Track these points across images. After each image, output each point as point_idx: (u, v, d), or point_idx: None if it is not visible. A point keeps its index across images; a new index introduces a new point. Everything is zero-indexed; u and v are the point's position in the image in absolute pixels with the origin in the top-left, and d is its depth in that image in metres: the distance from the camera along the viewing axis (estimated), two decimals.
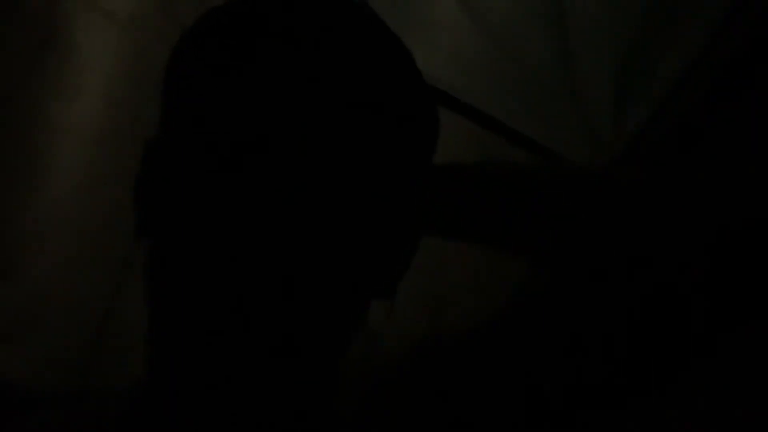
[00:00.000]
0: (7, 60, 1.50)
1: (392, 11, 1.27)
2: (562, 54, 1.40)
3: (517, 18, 1.39)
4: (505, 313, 0.99)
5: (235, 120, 0.89)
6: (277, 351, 0.89)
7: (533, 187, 0.96)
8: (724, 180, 0.98)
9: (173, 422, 0.93)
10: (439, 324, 1.41)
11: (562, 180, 0.97)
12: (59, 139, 1.52)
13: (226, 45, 0.91)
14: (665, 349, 0.92)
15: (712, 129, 1.36)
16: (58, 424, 0.99)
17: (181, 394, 0.92)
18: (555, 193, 0.95)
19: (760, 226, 0.91)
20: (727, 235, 0.91)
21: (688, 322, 0.91)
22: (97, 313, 1.45)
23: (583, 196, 0.95)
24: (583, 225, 0.94)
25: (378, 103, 0.91)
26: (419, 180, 0.95)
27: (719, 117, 1.36)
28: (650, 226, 0.93)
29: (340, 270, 0.90)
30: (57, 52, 1.49)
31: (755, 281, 0.90)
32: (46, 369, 1.42)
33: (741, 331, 0.91)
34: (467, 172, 0.96)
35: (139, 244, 0.92)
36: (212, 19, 0.94)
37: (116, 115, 1.50)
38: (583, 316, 0.95)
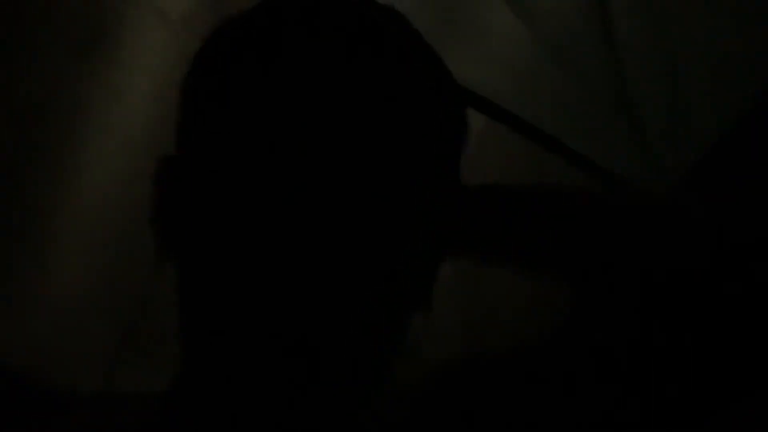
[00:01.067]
0: (52, 54, 1.50)
1: (446, 19, 1.24)
2: (615, 65, 1.37)
3: (573, 28, 1.37)
4: (547, 336, 0.98)
5: (262, 128, 0.87)
6: (306, 362, 0.87)
7: (571, 211, 0.94)
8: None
9: (199, 426, 0.91)
10: (477, 343, 1.39)
11: (604, 206, 0.95)
12: (102, 136, 1.52)
13: (249, 52, 0.89)
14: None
15: None
16: (87, 425, 0.98)
17: (209, 399, 0.91)
18: (595, 219, 0.94)
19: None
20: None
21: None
22: (130, 314, 1.44)
23: (628, 222, 0.93)
24: (628, 251, 0.93)
25: (404, 104, 0.89)
26: (445, 181, 0.92)
27: None
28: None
29: (371, 277, 0.88)
30: (103, 49, 1.48)
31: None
32: (76, 370, 1.41)
33: None
34: (501, 194, 0.95)
35: (162, 266, 0.91)
36: (234, 26, 0.92)
37: (160, 117, 1.49)
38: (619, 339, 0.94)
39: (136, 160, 1.51)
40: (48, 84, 1.50)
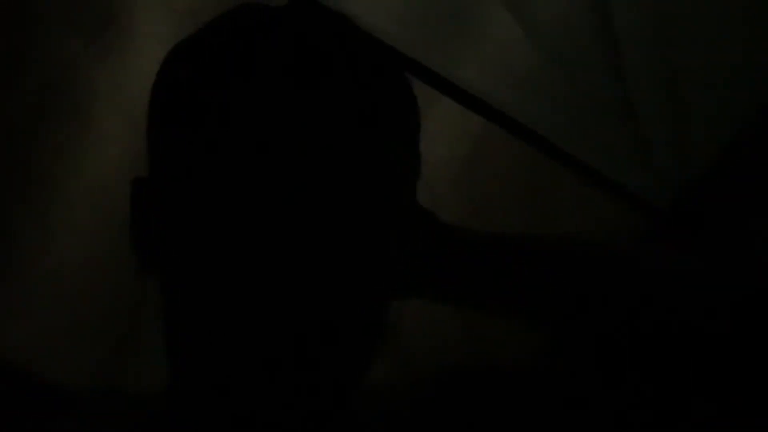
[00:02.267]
0: (64, 33, 1.49)
1: (443, 24, 1.23)
2: (617, 74, 1.36)
3: (572, 33, 1.35)
4: (548, 341, 0.98)
5: (235, 135, 0.87)
6: (303, 361, 0.88)
7: (537, 259, 0.95)
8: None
9: (198, 426, 0.92)
10: (473, 341, 1.39)
11: (568, 253, 0.96)
12: (112, 112, 1.52)
13: (212, 66, 0.90)
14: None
15: None
16: (86, 425, 0.99)
17: (207, 399, 0.91)
18: (560, 266, 0.94)
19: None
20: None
21: None
22: (130, 312, 1.44)
23: (589, 269, 0.94)
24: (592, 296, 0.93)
25: (366, 104, 0.90)
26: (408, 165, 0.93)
27: None
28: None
29: (350, 270, 0.89)
30: (111, 34, 1.48)
31: None
32: (77, 370, 1.41)
33: None
34: (467, 238, 0.96)
35: (146, 282, 0.91)
36: (195, 40, 0.93)
37: None
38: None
39: (140, 142, 1.51)
40: (56, 63, 1.50)
